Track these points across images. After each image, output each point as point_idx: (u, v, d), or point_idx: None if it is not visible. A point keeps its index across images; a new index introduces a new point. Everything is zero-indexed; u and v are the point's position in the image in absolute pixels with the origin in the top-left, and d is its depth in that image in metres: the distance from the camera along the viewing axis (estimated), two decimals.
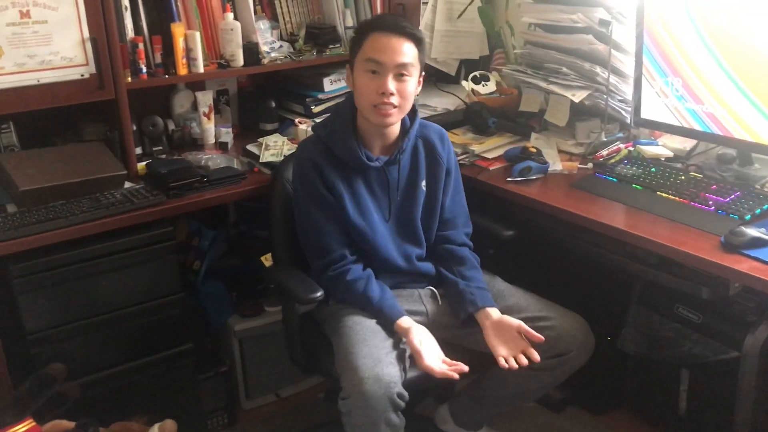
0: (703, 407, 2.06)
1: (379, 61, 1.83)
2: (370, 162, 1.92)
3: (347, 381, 1.74)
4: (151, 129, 2.41)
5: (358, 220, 1.93)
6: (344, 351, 1.81)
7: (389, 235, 1.98)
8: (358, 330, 1.84)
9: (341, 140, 1.92)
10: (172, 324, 2.14)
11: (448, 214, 2.06)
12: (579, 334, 1.92)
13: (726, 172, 2.10)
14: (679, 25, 2.12)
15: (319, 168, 1.92)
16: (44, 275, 1.90)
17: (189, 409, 2.26)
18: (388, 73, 1.84)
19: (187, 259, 2.46)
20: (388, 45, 1.83)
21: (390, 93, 1.84)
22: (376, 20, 1.97)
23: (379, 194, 1.97)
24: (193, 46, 2.28)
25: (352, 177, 1.94)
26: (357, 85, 1.89)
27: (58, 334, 1.95)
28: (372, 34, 1.86)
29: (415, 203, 2.00)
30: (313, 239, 1.96)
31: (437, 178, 2.02)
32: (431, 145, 2.02)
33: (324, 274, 1.94)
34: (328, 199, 1.92)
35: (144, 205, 2.02)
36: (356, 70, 1.89)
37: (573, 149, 2.40)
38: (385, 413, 1.70)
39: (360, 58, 1.87)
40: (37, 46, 1.98)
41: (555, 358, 1.91)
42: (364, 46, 1.86)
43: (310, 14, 2.65)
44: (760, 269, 1.62)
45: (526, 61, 2.58)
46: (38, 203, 1.95)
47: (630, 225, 1.90)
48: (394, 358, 1.77)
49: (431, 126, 2.07)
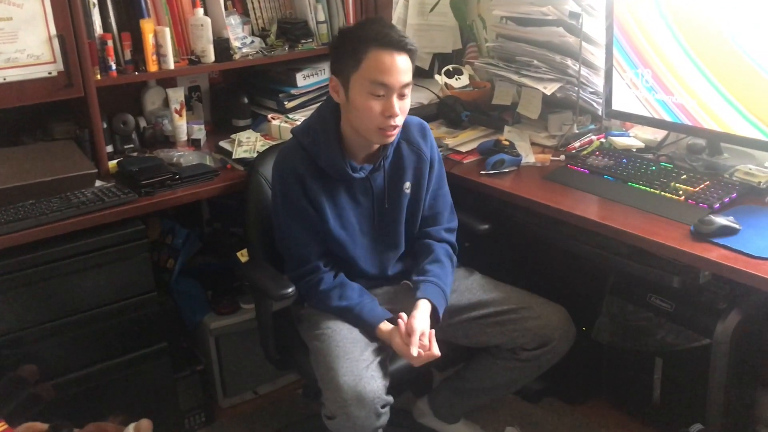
0: (676, 394, 2.09)
1: (386, 84, 1.74)
2: (355, 173, 1.87)
3: (330, 401, 1.73)
4: (122, 127, 2.39)
5: (339, 232, 1.90)
6: (324, 365, 1.79)
7: (369, 244, 1.95)
8: (338, 340, 1.82)
9: (325, 152, 1.85)
10: (147, 323, 2.12)
11: (429, 212, 2.03)
12: (560, 323, 1.94)
13: (696, 162, 2.13)
14: (648, 17, 2.13)
15: (302, 180, 1.86)
16: (14, 276, 1.88)
17: (166, 408, 2.25)
18: (393, 95, 1.76)
19: (161, 257, 2.44)
20: (393, 66, 1.74)
21: (396, 115, 1.78)
22: (374, 33, 1.75)
23: (363, 203, 1.94)
24: (163, 42, 2.26)
25: (335, 188, 1.89)
26: (357, 105, 1.78)
27: (30, 335, 1.93)
28: (372, 50, 1.73)
29: (399, 207, 1.97)
30: (289, 248, 1.95)
31: (422, 176, 1.98)
32: (414, 144, 1.97)
33: (297, 283, 1.91)
34: (309, 212, 1.88)
35: (115, 203, 2.00)
36: (354, 88, 1.77)
37: (546, 141, 2.42)
38: (372, 426, 1.72)
39: (360, 77, 1.75)
40: (2, 44, 1.95)
41: (539, 349, 1.93)
42: (366, 65, 1.74)
43: (282, 9, 2.64)
44: (728, 257, 1.64)
45: (498, 55, 2.58)
46: (7, 203, 1.92)
47: (602, 216, 1.92)
48: (375, 369, 1.76)
49: (412, 123, 1.98)
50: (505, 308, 1.94)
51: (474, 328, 1.97)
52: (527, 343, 1.91)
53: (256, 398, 2.57)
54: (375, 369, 1.77)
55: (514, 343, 1.93)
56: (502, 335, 1.94)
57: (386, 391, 1.75)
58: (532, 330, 1.90)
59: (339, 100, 1.84)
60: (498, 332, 1.94)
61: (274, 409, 2.54)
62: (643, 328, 2.05)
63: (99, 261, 1.99)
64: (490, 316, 1.95)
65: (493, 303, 1.96)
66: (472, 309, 1.97)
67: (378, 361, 1.80)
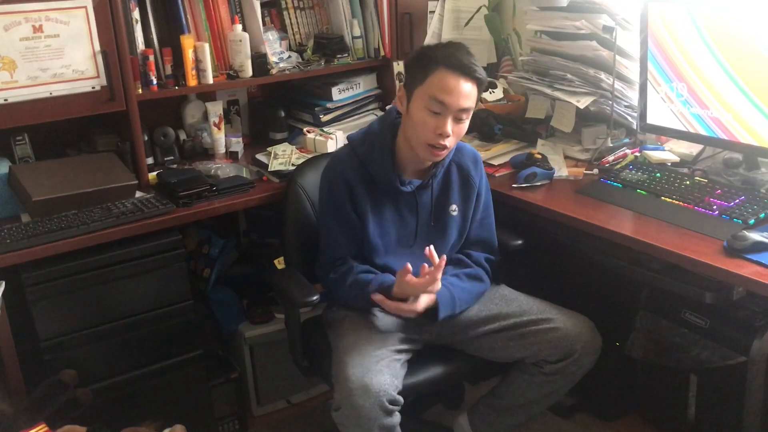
0: (712, 412, 2.05)
1: (444, 103, 1.80)
2: (403, 187, 1.93)
3: (338, 391, 1.76)
4: (162, 139, 2.46)
5: (376, 240, 1.95)
6: (338, 359, 1.83)
7: (407, 258, 1.94)
8: (355, 338, 1.86)
9: (378, 162, 1.91)
10: (183, 331, 2.17)
11: (474, 237, 2.06)
12: (583, 333, 1.93)
13: (732, 177, 2.10)
14: (682, 31, 2.12)
15: (350, 186, 1.92)
16: (56, 283, 1.94)
17: (200, 415, 2.29)
18: (449, 115, 1.81)
19: (198, 266, 2.50)
20: (456, 88, 1.79)
21: (447, 135, 1.83)
22: (446, 54, 1.82)
23: (406, 218, 1.98)
24: (203, 57, 2.33)
25: (381, 199, 1.94)
26: (414, 117, 1.84)
27: (70, 341, 1.99)
28: (440, 69, 1.80)
29: (446, 228, 2.01)
30: (325, 247, 2.00)
31: (469, 201, 2.03)
32: (465, 170, 2.02)
33: (328, 276, 1.96)
34: (351, 218, 1.94)
35: (154, 214, 2.05)
36: (416, 101, 1.84)
37: (579, 155, 2.41)
38: (378, 420, 1.72)
39: (423, 92, 1.82)
40: (50, 60, 2.03)
41: (562, 361, 1.92)
42: (430, 81, 1.80)
43: (318, 24, 2.69)
44: (762, 273, 1.61)
45: (532, 68, 2.59)
46: (51, 213, 1.99)
47: (634, 231, 1.90)
48: (385, 366, 1.78)
49: (465, 149, 2.05)
50: (525, 320, 1.94)
51: (497, 341, 1.96)
52: (550, 356, 1.90)
53: (289, 407, 2.60)
54: (385, 365, 1.78)
55: (537, 356, 1.92)
56: (524, 348, 1.94)
57: (397, 391, 1.75)
58: (553, 342, 1.89)
59: (401, 110, 1.91)
60: (520, 345, 1.94)
61: (307, 418, 2.56)
62: (677, 344, 2.02)
63: (137, 270, 2.05)
64: (510, 328, 1.95)
65: (514, 315, 1.97)
66: (494, 321, 1.98)
67: (391, 360, 1.82)
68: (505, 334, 1.96)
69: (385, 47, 2.66)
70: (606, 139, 2.38)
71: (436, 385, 1.92)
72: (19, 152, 2.19)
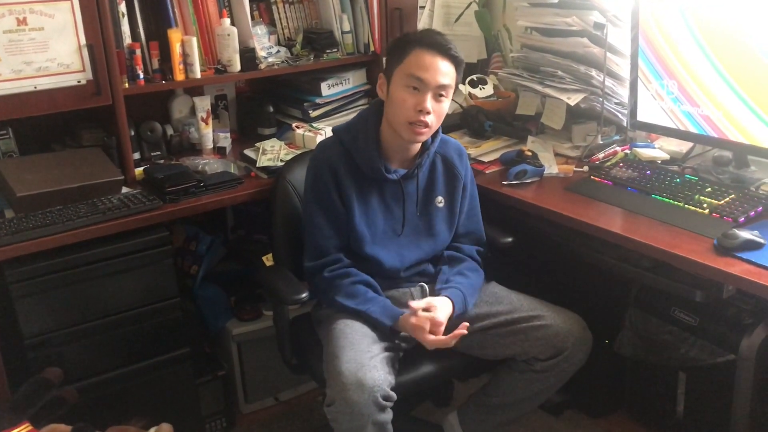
0: (700, 410, 2.06)
1: (421, 79, 1.83)
2: (388, 174, 1.94)
3: (331, 387, 1.75)
4: (149, 134, 2.43)
5: (362, 229, 1.95)
6: (331, 355, 1.82)
7: (393, 248, 1.98)
8: (348, 333, 1.85)
9: (363, 150, 1.93)
10: (170, 328, 2.15)
11: (462, 230, 2.08)
12: (574, 330, 1.92)
13: (722, 175, 2.10)
14: (674, 28, 2.12)
15: (336, 174, 1.93)
16: (41, 280, 1.92)
17: (187, 412, 2.27)
18: (428, 92, 1.84)
19: (185, 263, 2.47)
20: (432, 64, 1.84)
21: (427, 111, 1.85)
22: (422, 36, 1.91)
23: (392, 207, 1.99)
24: (190, 51, 2.30)
25: (366, 186, 1.95)
26: (394, 98, 1.88)
27: (56, 339, 1.97)
28: (417, 49, 1.85)
29: (432, 219, 2.02)
30: (310, 237, 1.98)
31: (455, 193, 2.04)
32: (450, 161, 2.04)
33: (319, 274, 1.94)
34: (337, 206, 1.94)
35: (140, 210, 2.03)
36: (394, 82, 1.88)
37: (569, 152, 2.40)
38: (371, 416, 1.71)
39: (401, 72, 1.87)
40: (34, 53, 2.00)
41: (553, 358, 1.91)
42: (407, 61, 1.85)
43: (308, 19, 2.66)
44: (752, 272, 1.62)
45: (523, 65, 2.58)
46: (35, 209, 1.97)
47: (624, 228, 1.90)
48: (378, 362, 1.77)
49: (451, 142, 2.08)
50: (516, 317, 1.94)
51: (488, 339, 1.96)
52: (540, 353, 1.89)
53: (277, 405, 2.58)
54: (379, 361, 1.78)
55: (528, 354, 1.92)
56: (515, 346, 1.93)
57: (391, 387, 1.75)
58: (544, 339, 1.89)
59: (382, 96, 1.94)
60: (511, 343, 1.93)
61: (295, 416, 2.55)
62: (666, 341, 2.03)
63: (124, 266, 2.02)
64: (501, 326, 1.95)
65: (504, 312, 1.96)
66: (485, 318, 1.97)
67: (385, 356, 1.81)
68: (495, 332, 1.95)
69: (374, 42, 2.64)
70: (596, 136, 2.38)
71: (428, 383, 1.91)
72: (2, 147, 2.17)
